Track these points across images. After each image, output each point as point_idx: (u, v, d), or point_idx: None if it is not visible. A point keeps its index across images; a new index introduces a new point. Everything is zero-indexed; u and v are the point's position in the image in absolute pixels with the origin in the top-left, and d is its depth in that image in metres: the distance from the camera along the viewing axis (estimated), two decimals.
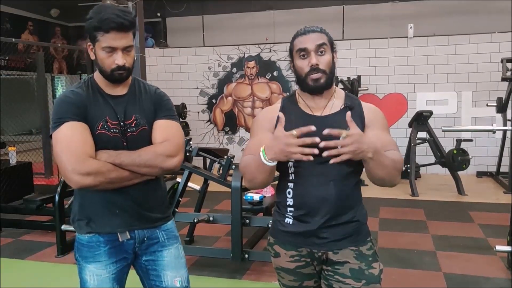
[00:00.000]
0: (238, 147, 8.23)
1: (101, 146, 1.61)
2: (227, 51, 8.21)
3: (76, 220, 1.70)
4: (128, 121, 1.66)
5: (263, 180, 1.52)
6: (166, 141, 1.68)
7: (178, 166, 1.72)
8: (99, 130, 1.62)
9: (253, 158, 1.50)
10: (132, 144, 1.66)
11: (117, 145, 1.63)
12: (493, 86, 6.96)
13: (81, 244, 1.69)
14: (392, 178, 1.53)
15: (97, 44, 1.59)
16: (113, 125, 1.64)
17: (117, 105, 1.66)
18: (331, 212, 1.53)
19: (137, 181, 1.65)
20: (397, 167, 1.52)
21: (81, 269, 1.69)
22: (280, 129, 1.41)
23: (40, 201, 4.41)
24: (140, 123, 1.68)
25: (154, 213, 1.74)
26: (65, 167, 1.55)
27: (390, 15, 8.56)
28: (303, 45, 1.54)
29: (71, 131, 1.57)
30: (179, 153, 1.70)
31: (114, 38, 1.56)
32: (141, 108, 1.70)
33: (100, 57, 1.60)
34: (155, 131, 1.71)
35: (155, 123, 1.71)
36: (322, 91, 1.58)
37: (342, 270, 1.56)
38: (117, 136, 1.64)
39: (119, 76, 1.63)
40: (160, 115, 1.73)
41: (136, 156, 1.62)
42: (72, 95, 1.63)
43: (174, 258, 1.77)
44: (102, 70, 1.63)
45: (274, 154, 1.41)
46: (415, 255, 3.77)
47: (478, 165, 7.04)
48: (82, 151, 1.55)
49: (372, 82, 7.48)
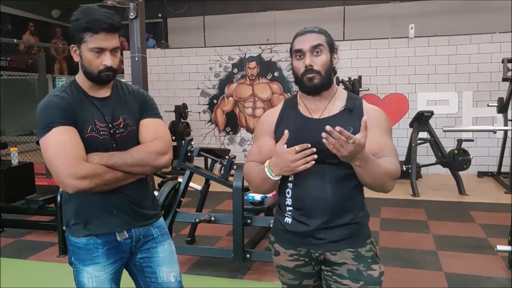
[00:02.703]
0: (239, 147, 8.24)
1: (91, 149, 1.60)
2: (228, 52, 8.22)
3: (71, 224, 1.68)
4: (115, 122, 1.66)
5: (269, 189, 1.61)
6: (156, 139, 1.70)
7: (169, 163, 1.74)
8: (88, 133, 1.61)
9: (258, 171, 1.56)
10: (121, 145, 1.66)
11: (107, 147, 1.63)
12: (494, 86, 6.96)
13: (77, 248, 1.67)
14: (381, 186, 1.52)
15: (84, 45, 1.57)
16: (102, 128, 1.63)
17: (103, 107, 1.66)
18: (329, 214, 1.54)
19: (130, 181, 1.66)
20: (391, 176, 1.51)
21: (78, 272, 1.69)
22: (281, 145, 1.45)
23: (42, 201, 4.42)
24: (128, 124, 1.69)
25: (148, 210, 1.77)
26: (59, 172, 1.52)
27: (391, 15, 8.57)
28: (299, 46, 1.56)
29: (62, 135, 1.54)
30: (169, 151, 1.73)
31: (104, 39, 1.56)
32: (127, 109, 1.71)
33: (87, 59, 1.59)
34: (144, 130, 1.72)
35: (142, 122, 1.73)
36: (318, 91, 1.58)
37: (340, 271, 1.56)
38: (106, 138, 1.64)
39: (106, 78, 1.62)
40: (146, 114, 1.74)
41: (128, 156, 1.62)
42: (58, 99, 1.59)
43: (168, 253, 1.79)
44: (88, 72, 1.61)
45: (280, 170, 1.47)
46: (416, 255, 3.77)
47: (479, 165, 7.04)
48: (76, 155, 1.54)
49: (373, 83, 7.49)
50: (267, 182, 1.54)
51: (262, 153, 1.63)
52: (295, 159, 1.41)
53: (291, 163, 1.42)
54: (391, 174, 1.50)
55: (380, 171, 1.47)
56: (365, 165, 1.43)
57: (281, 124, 1.64)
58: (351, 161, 1.43)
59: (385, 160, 1.51)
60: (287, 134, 1.46)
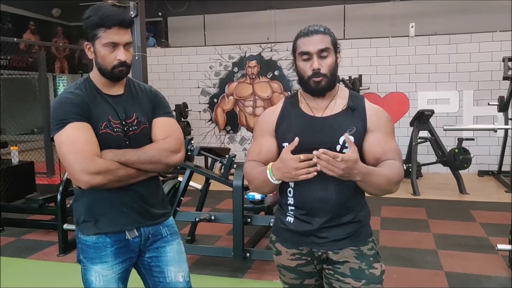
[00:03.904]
0: (240, 146, 8.24)
1: (105, 145, 1.61)
2: (228, 50, 8.21)
3: (81, 222, 1.69)
4: (129, 120, 1.68)
5: (270, 191, 1.62)
6: (169, 137, 1.71)
7: (181, 161, 1.76)
8: (102, 129, 1.62)
9: (259, 173, 1.55)
10: (134, 142, 1.67)
11: (120, 144, 1.65)
12: (495, 85, 6.95)
13: (86, 246, 1.68)
14: (385, 192, 1.53)
15: (98, 41, 1.60)
16: (116, 124, 1.65)
17: (117, 104, 1.68)
18: (331, 213, 1.54)
19: (142, 178, 1.67)
20: (393, 182, 1.50)
21: (86, 270, 1.69)
22: (287, 151, 1.43)
23: (42, 200, 4.42)
24: (141, 122, 1.70)
25: (157, 209, 1.77)
26: (73, 167, 1.54)
27: (391, 14, 8.56)
28: (306, 48, 1.53)
29: (76, 131, 1.56)
30: (182, 149, 1.74)
31: (117, 34, 1.59)
32: (140, 107, 1.72)
33: (101, 55, 1.62)
34: (156, 128, 1.73)
35: (155, 120, 1.74)
36: (323, 93, 1.58)
37: (342, 270, 1.56)
38: (120, 135, 1.65)
39: (119, 73, 1.64)
40: (159, 112, 1.76)
41: (141, 153, 1.64)
42: (73, 96, 1.62)
43: (176, 253, 1.79)
44: (102, 68, 1.64)
45: (282, 175, 1.46)
46: (416, 254, 3.77)
47: (479, 164, 7.03)
48: (90, 151, 1.55)
49: (374, 81, 7.48)
50: (268, 184, 1.53)
51: (263, 153, 1.63)
52: (298, 167, 1.40)
53: (293, 170, 1.41)
54: (394, 180, 1.50)
55: (382, 180, 1.47)
56: (366, 179, 1.43)
57: (282, 122, 1.63)
58: (351, 178, 1.41)
59: (387, 164, 1.51)
60: (296, 141, 1.45)
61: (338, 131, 1.53)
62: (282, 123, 1.63)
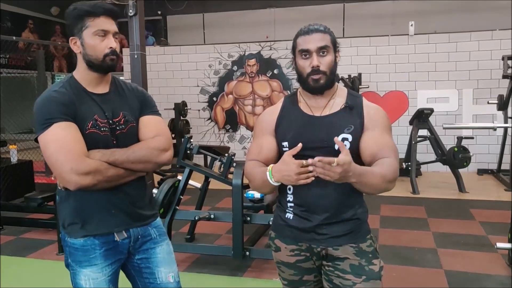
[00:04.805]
0: (239, 145, 8.24)
1: (92, 145, 1.56)
2: (227, 49, 8.20)
3: (68, 224, 1.65)
4: (116, 118, 1.64)
5: (269, 191, 1.62)
6: (158, 136, 1.69)
7: (171, 160, 1.73)
8: (89, 129, 1.57)
9: (259, 173, 1.56)
10: (121, 141, 1.64)
11: (108, 144, 1.61)
12: (494, 83, 6.95)
13: (74, 249, 1.63)
14: (380, 191, 1.53)
15: (86, 31, 1.58)
16: (103, 124, 1.61)
17: (103, 103, 1.63)
18: (331, 210, 1.56)
19: (130, 178, 1.64)
20: (388, 180, 1.50)
21: (75, 274, 1.65)
22: (290, 155, 1.43)
23: (41, 199, 4.40)
24: (129, 120, 1.67)
25: (146, 210, 1.75)
26: (61, 168, 1.49)
27: (391, 13, 8.56)
28: (305, 46, 1.55)
29: (64, 131, 1.51)
30: (171, 147, 1.72)
31: (106, 22, 1.59)
32: (127, 105, 1.69)
33: (91, 45, 1.58)
34: (144, 127, 1.70)
35: (142, 119, 1.71)
36: (322, 91, 1.59)
37: (342, 266, 1.57)
38: (107, 134, 1.61)
39: (111, 62, 1.60)
40: (146, 111, 1.73)
41: (130, 152, 1.60)
42: (58, 95, 1.56)
43: (166, 254, 1.78)
44: (91, 60, 1.59)
45: (282, 178, 1.46)
46: (416, 253, 3.77)
47: (479, 163, 7.04)
48: (79, 151, 1.51)
49: (373, 80, 7.48)
50: (267, 185, 1.54)
51: (263, 152, 1.64)
52: (299, 172, 1.40)
53: (294, 175, 1.41)
54: (388, 178, 1.50)
55: (377, 179, 1.48)
56: (361, 180, 1.44)
57: (282, 122, 1.64)
58: (347, 181, 1.42)
59: (382, 162, 1.51)
60: (299, 146, 1.45)
61: (336, 130, 1.54)
62: (282, 123, 1.64)
